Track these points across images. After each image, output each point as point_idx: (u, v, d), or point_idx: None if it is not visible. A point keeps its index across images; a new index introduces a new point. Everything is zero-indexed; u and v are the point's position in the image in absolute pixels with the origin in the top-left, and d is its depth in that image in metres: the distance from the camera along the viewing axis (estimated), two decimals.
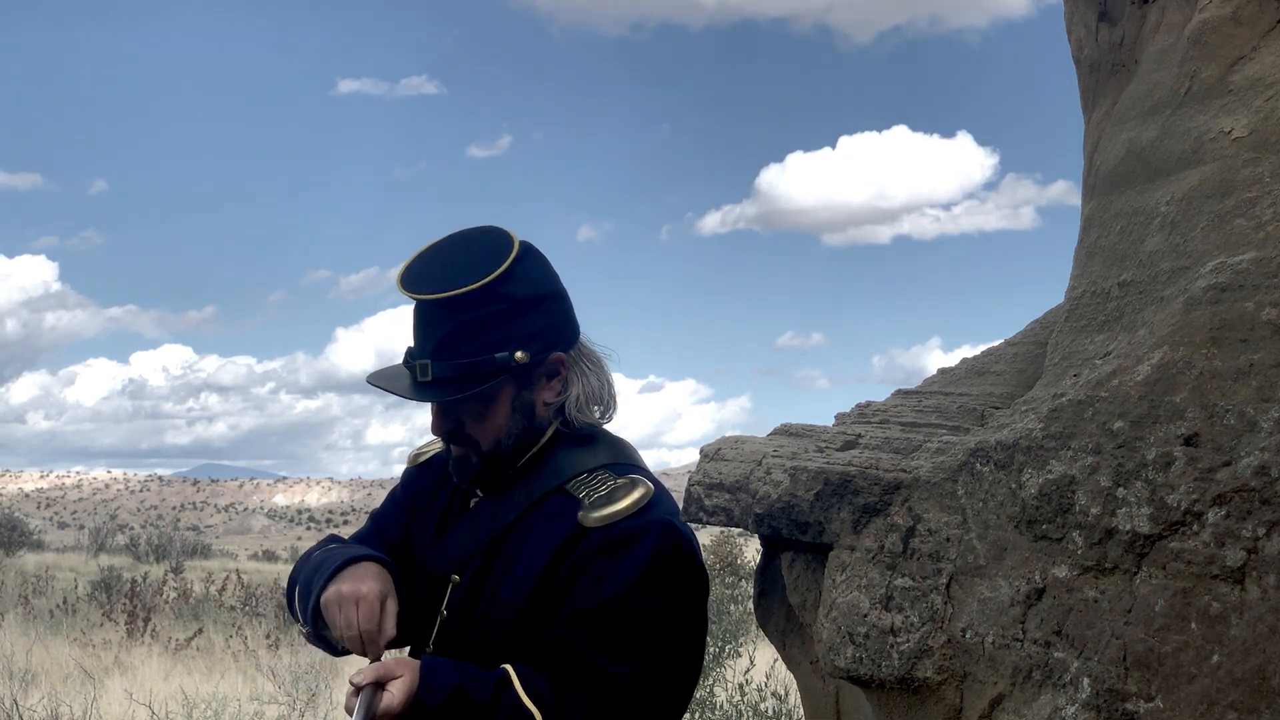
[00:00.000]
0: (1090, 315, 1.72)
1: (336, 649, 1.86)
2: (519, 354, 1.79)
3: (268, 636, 11.78)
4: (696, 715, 6.58)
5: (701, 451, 2.12)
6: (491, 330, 1.78)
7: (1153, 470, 1.46)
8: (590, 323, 1.94)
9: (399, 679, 1.66)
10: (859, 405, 2.12)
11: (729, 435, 2.18)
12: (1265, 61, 1.65)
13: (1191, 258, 1.58)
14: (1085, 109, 2.17)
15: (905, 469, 1.73)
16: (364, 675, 1.67)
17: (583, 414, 1.89)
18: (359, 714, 1.63)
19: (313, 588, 1.86)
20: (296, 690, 8.50)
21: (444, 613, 1.88)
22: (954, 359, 2.22)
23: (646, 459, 2.03)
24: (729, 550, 15.26)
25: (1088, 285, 1.76)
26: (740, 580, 12.22)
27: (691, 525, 2.08)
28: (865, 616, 1.69)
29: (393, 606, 1.83)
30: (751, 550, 14.98)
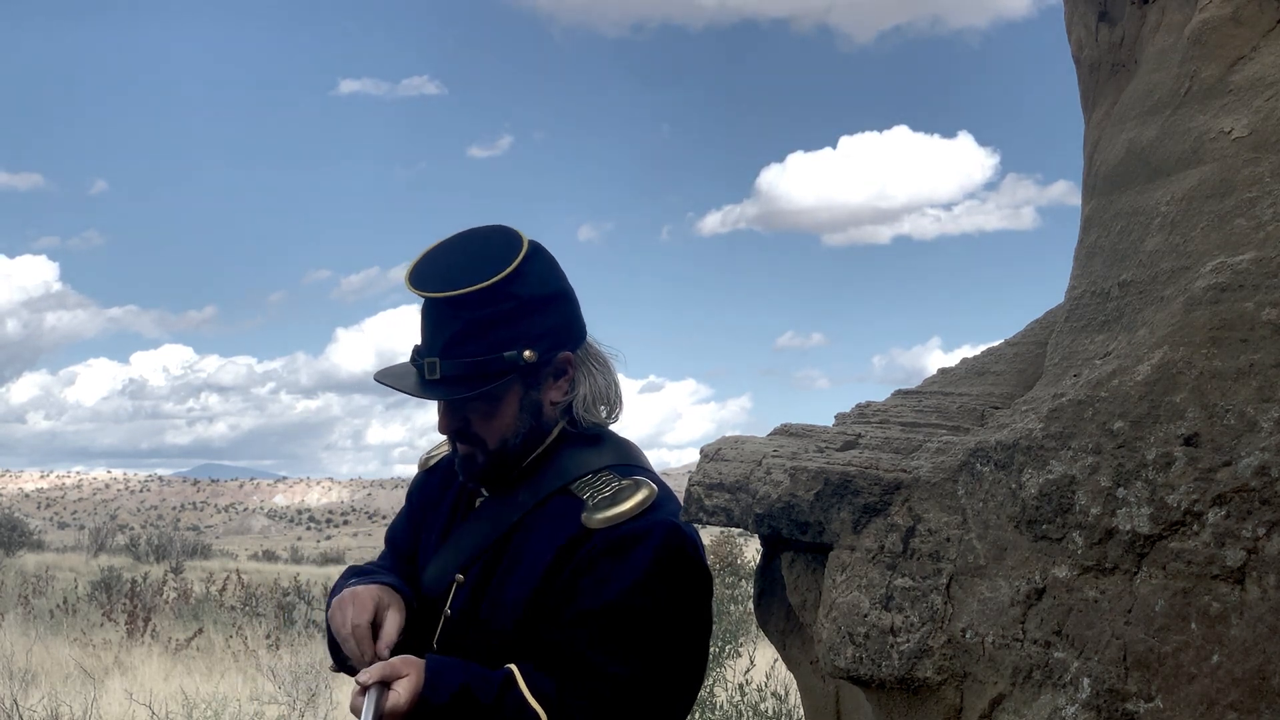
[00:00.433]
0: (1090, 315, 1.72)
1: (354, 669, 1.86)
2: (527, 353, 1.79)
3: (268, 636, 11.78)
4: (697, 715, 6.59)
5: (701, 451, 2.12)
6: (499, 329, 1.78)
7: (1153, 470, 1.46)
8: (591, 322, 1.94)
9: (405, 678, 1.66)
10: (859, 405, 2.12)
11: (729, 435, 2.18)
12: (1265, 61, 1.65)
13: (1191, 258, 1.58)
14: (1085, 109, 2.17)
15: (905, 469, 1.74)
16: (370, 674, 1.66)
17: (589, 414, 1.89)
18: (366, 713, 1.62)
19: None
20: (296, 690, 8.50)
21: (448, 613, 1.88)
22: (954, 359, 2.22)
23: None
24: (729, 550, 15.27)
25: (1088, 285, 1.76)
26: (740, 580, 12.22)
27: (692, 525, 2.08)
28: (865, 616, 1.69)
29: (394, 616, 1.82)
30: (751, 550, 14.98)
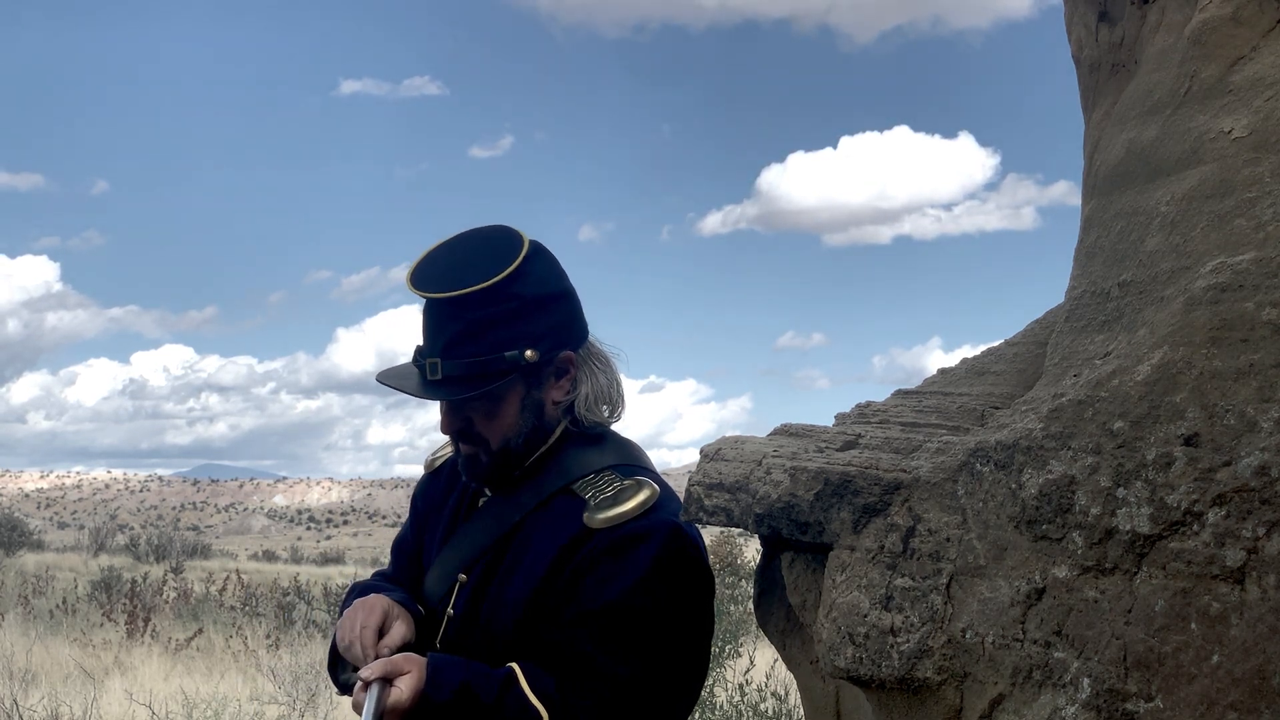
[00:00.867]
0: (1090, 315, 1.72)
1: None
2: (528, 353, 1.79)
3: (268, 636, 11.79)
4: (697, 715, 6.59)
5: (701, 452, 2.12)
6: (501, 329, 1.78)
7: (1153, 470, 1.46)
8: (592, 322, 1.94)
9: (407, 675, 1.66)
10: (859, 405, 2.12)
11: (729, 435, 2.18)
12: (1265, 61, 1.65)
13: (1191, 258, 1.58)
14: (1085, 109, 2.17)
15: (905, 469, 1.73)
16: (372, 670, 1.66)
17: (591, 413, 1.89)
18: (368, 709, 1.62)
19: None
20: (296, 690, 8.50)
21: (451, 612, 1.88)
22: (954, 359, 2.22)
23: None
24: (729, 550, 15.25)
25: (1088, 285, 1.76)
26: (740, 580, 12.22)
27: (694, 526, 2.08)
28: (865, 617, 1.69)
29: (400, 626, 1.82)
30: (751, 550, 14.98)
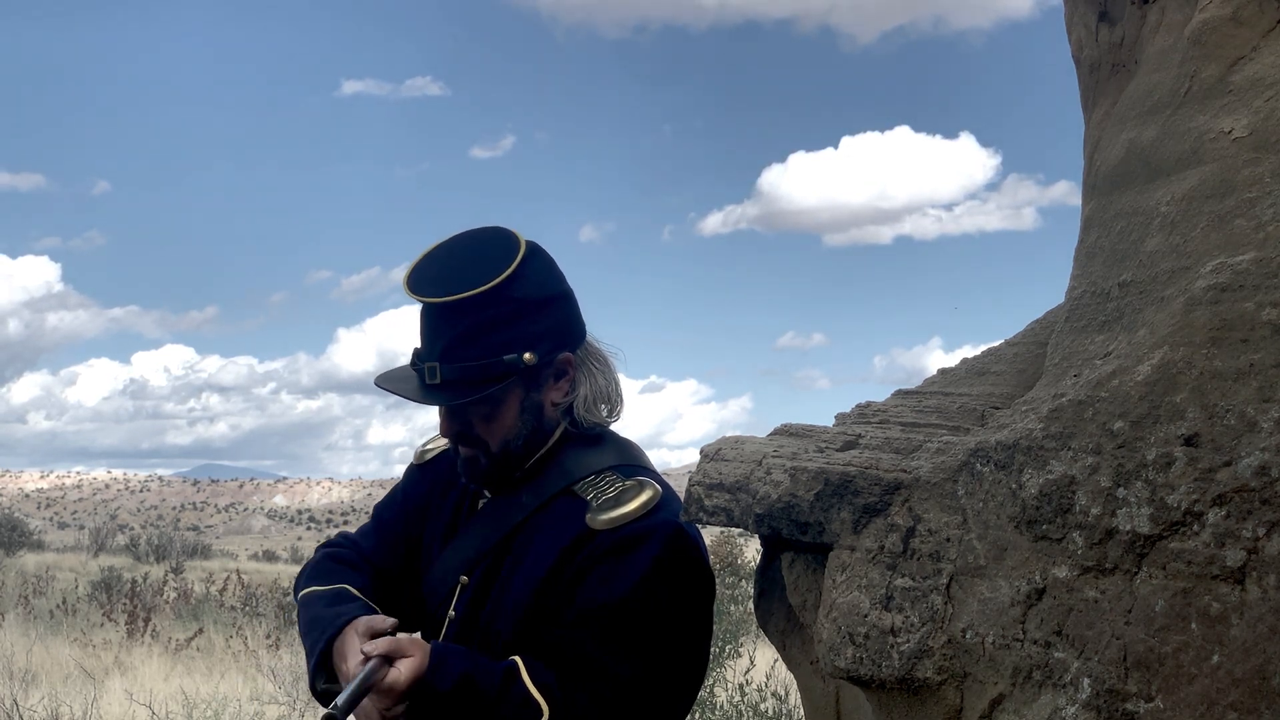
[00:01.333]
0: (1090, 315, 1.72)
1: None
2: (527, 355, 1.78)
3: (268, 636, 11.78)
4: (696, 715, 6.58)
5: (702, 452, 2.12)
6: (499, 332, 1.78)
7: (1153, 470, 1.46)
8: (592, 323, 1.94)
9: (410, 658, 1.64)
10: (859, 405, 2.12)
11: (729, 435, 2.18)
12: (1265, 61, 1.65)
13: (1191, 258, 1.58)
14: (1085, 109, 2.17)
15: (905, 469, 1.73)
16: (376, 646, 1.64)
17: (591, 414, 1.89)
18: (357, 680, 1.58)
19: (314, 646, 1.82)
20: (296, 690, 8.50)
21: (452, 614, 1.88)
22: (954, 359, 2.22)
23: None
24: (729, 550, 15.24)
25: (1088, 285, 1.76)
26: (740, 580, 12.21)
27: (695, 526, 2.08)
28: (865, 617, 1.69)
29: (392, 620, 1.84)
30: (751, 550, 14.97)
